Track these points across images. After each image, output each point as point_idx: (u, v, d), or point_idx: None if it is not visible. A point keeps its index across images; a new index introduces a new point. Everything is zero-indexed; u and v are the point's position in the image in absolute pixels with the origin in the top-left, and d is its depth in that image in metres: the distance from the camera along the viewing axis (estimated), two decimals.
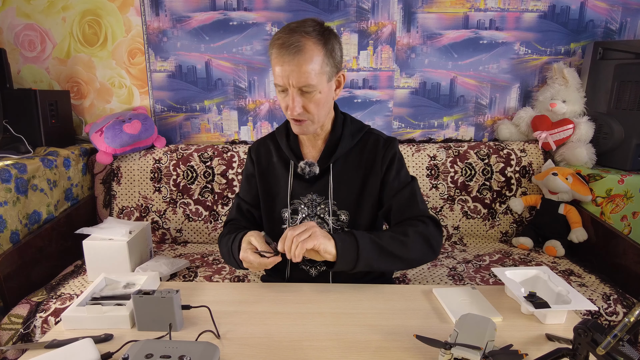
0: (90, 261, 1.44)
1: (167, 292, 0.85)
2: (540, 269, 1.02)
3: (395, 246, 1.00)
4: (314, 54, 0.96)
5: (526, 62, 2.09)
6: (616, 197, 1.72)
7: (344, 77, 1.07)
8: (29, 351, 0.81)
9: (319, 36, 0.97)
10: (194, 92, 2.14)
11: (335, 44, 1.01)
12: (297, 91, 0.98)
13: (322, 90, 1.00)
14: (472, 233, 1.96)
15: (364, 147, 1.12)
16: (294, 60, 0.94)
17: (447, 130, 2.17)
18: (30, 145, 1.76)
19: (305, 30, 0.96)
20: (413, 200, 1.10)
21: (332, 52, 1.00)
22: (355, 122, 1.16)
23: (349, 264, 0.96)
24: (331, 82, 1.03)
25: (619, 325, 0.61)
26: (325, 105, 1.04)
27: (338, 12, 2.04)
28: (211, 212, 1.96)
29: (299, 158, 1.13)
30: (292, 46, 0.94)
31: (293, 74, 0.95)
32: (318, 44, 0.96)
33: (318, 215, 1.13)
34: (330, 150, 1.11)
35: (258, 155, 1.20)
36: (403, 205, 1.09)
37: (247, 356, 0.79)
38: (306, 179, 1.12)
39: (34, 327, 1.34)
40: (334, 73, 1.03)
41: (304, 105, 1.00)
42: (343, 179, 1.11)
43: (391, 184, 1.10)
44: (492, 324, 0.75)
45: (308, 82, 0.96)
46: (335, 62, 1.01)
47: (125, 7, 2.04)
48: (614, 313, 1.38)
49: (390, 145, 1.11)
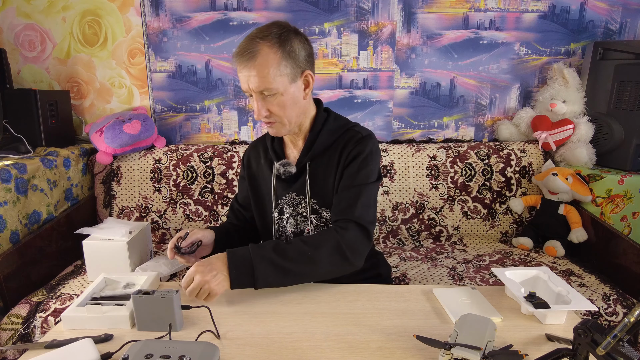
0: (90, 261, 1.44)
1: (167, 292, 0.85)
2: (540, 269, 1.02)
3: (300, 263, 0.98)
4: (269, 58, 0.97)
5: (526, 62, 2.09)
6: (616, 198, 1.72)
7: (311, 76, 1.05)
8: (29, 351, 0.81)
9: (275, 39, 0.98)
10: (194, 92, 2.14)
11: (295, 44, 1.00)
12: (258, 95, 1.00)
13: (285, 92, 1.00)
14: (472, 233, 1.96)
15: (343, 144, 1.09)
16: (249, 66, 0.97)
17: (447, 130, 2.17)
18: (30, 145, 1.76)
19: (261, 35, 0.98)
20: (353, 202, 1.04)
21: (291, 53, 0.99)
22: (339, 120, 1.15)
23: (245, 286, 0.97)
24: (296, 83, 1.02)
25: (618, 325, 0.61)
26: (294, 107, 1.04)
27: (338, 12, 2.04)
28: (211, 212, 1.96)
29: (281, 158, 1.15)
30: (246, 52, 0.97)
31: (251, 79, 0.98)
32: (273, 47, 0.97)
33: (300, 214, 1.15)
34: (308, 149, 1.11)
35: (248, 159, 1.24)
36: (341, 205, 1.06)
37: (247, 356, 0.79)
38: (285, 179, 1.14)
39: (34, 327, 1.34)
40: (298, 74, 1.02)
41: (268, 108, 1.02)
42: (319, 177, 1.11)
43: (344, 180, 1.07)
44: (492, 324, 0.75)
45: (266, 86, 0.98)
46: (297, 63, 1.01)
47: (125, 7, 2.04)
48: (614, 313, 1.38)
49: (361, 142, 1.07)
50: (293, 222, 1.16)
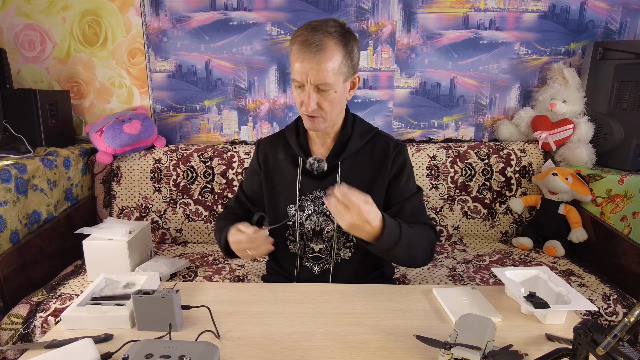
0: (90, 261, 1.44)
1: (167, 292, 0.85)
2: (540, 269, 1.03)
3: (416, 248, 1.02)
4: (334, 54, 0.98)
5: (526, 62, 2.09)
6: (616, 197, 1.71)
7: (359, 78, 1.10)
8: (29, 351, 0.81)
9: (340, 37, 0.99)
10: (194, 92, 2.14)
11: (354, 46, 1.03)
12: (313, 88, 1.00)
13: (338, 90, 1.02)
14: (472, 233, 1.96)
15: (373, 148, 1.15)
16: (314, 59, 0.97)
17: (447, 130, 2.17)
18: (30, 145, 1.76)
19: (327, 29, 0.98)
20: (421, 208, 1.15)
21: (351, 53, 1.02)
22: (365, 124, 1.19)
23: (392, 237, 0.93)
24: (347, 83, 1.05)
25: (618, 325, 0.61)
26: (339, 105, 1.06)
27: (338, 12, 2.04)
28: (211, 212, 1.96)
29: (308, 155, 1.15)
30: (313, 44, 0.96)
31: (312, 71, 0.98)
32: (339, 44, 0.99)
33: (324, 212, 1.15)
34: (339, 148, 1.13)
35: (265, 153, 1.22)
36: (414, 211, 1.12)
37: (247, 356, 0.79)
38: (314, 176, 1.14)
39: (34, 327, 1.34)
40: (351, 74, 1.05)
41: (318, 103, 1.02)
42: (350, 178, 1.12)
43: (402, 188, 1.13)
44: (492, 324, 0.75)
45: (325, 81, 0.98)
46: (352, 64, 1.04)
47: (125, 7, 2.04)
48: (614, 313, 1.38)
49: (401, 151, 1.14)
50: (315, 219, 1.15)
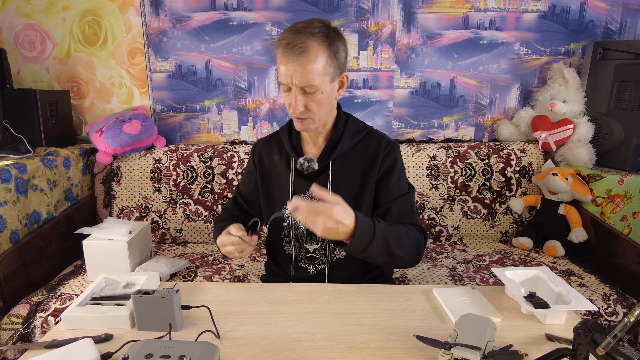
0: (90, 261, 1.44)
1: (167, 292, 0.85)
2: (540, 269, 1.02)
3: (398, 247, 0.99)
4: (318, 55, 0.97)
5: (526, 62, 2.09)
6: (616, 198, 1.72)
7: (347, 78, 1.09)
8: (29, 351, 0.81)
9: (324, 37, 0.99)
10: (194, 92, 2.14)
11: (340, 45, 1.03)
12: (299, 90, 1.00)
13: (325, 91, 1.02)
14: (472, 233, 1.96)
15: (365, 147, 1.14)
16: (298, 61, 0.96)
17: (447, 130, 2.17)
18: (30, 145, 1.76)
19: (311, 31, 0.98)
20: (410, 209, 1.12)
21: (337, 53, 1.02)
22: (357, 122, 1.18)
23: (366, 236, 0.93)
24: (334, 83, 1.05)
25: (618, 325, 0.61)
26: (327, 105, 1.06)
27: (338, 12, 2.04)
28: (211, 212, 1.96)
29: (300, 155, 1.15)
30: (296, 47, 0.96)
31: (296, 74, 0.97)
32: (323, 45, 0.98)
33: None
34: (330, 148, 1.13)
35: (260, 155, 1.23)
36: (402, 212, 1.10)
37: (247, 356, 0.79)
38: (306, 176, 1.14)
39: (34, 327, 1.34)
40: (337, 74, 1.05)
41: (305, 104, 1.02)
42: (342, 177, 1.12)
43: (391, 188, 1.11)
44: (492, 324, 0.75)
45: (310, 83, 0.98)
46: (339, 64, 1.03)
47: (125, 7, 2.04)
48: (614, 313, 1.38)
49: (392, 149, 1.13)
50: None
